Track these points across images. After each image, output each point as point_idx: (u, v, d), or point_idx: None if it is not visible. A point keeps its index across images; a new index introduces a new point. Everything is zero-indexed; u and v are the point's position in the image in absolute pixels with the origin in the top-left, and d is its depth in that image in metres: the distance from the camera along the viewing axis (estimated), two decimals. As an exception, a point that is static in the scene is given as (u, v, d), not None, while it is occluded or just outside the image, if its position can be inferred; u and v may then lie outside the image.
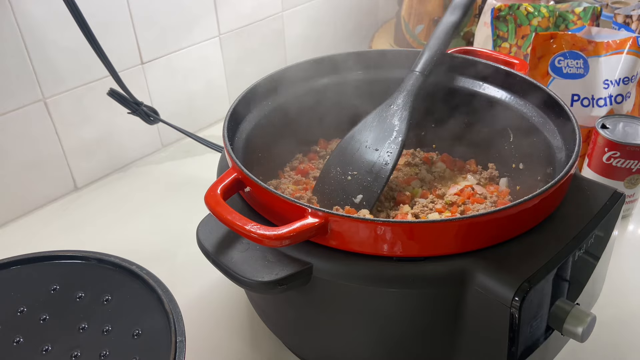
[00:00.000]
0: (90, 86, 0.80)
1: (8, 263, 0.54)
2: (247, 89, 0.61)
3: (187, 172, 0.88)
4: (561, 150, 0.55)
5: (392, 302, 0.46)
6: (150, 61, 0.86)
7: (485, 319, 0.44)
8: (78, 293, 0.53)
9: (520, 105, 0.61)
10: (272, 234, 0.43)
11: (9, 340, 0.49)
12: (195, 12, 0.89)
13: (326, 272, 0.45)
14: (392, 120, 0.62)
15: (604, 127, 0.70)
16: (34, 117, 0.76)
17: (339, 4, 1.12)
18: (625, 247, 0.71)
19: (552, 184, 0.46)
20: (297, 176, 0.66)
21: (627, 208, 0.74)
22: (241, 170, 0.49)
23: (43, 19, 0.72)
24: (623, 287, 0.65)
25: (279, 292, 0.45)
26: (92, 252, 0.55)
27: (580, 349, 0.56)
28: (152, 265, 0.54)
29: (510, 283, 0.42)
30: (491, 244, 0.45)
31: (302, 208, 0.45)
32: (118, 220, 0.79)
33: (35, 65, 0.74)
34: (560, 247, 0.45)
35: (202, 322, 0.62)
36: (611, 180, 0.70)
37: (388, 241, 0.44)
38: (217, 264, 0.47)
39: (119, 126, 0.85)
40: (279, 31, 1.04)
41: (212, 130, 0.98)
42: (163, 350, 0.46)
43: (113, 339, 0.49)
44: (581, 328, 0.44)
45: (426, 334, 0.48)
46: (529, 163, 0.62)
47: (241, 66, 0.99)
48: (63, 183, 0.83)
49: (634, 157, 0.68)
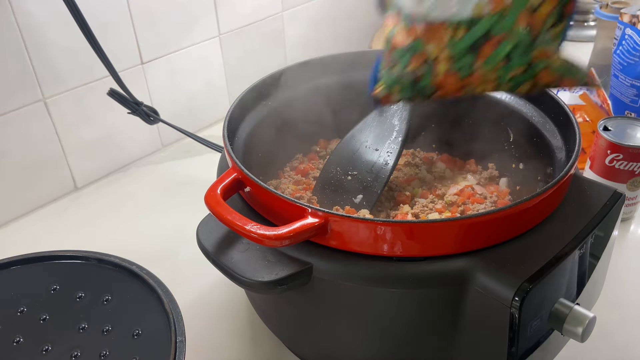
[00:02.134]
0: (90, 86, 0.80)
1: (8, 263, 0.54)
2: (247, 89, 0.61)
3: (187, 172, 0.88)
4: (561, 150, 0.55)
5: (392, 302, 0.46)
6: (150, 61, 0.86)
7: (485, 319, 0.44)
8: (78, 293, 0.53)
9: (520, 105, 0.61)
10: (272, 234, 0.43)
11: (9, 340, 0.49)
12: (195, 12, 0.89)
13: (326, 272, 0.45)
14: (392, 120, 0.62)
15: (606, 129, 0.70)
16: (34, 117, 0.76)
17: (339, 4, 1.12)
18: (625, 248, 0.71)
19: (552, 184, 0.46)
20: (297, 176, 0.66)
21: (629, 210, 0.74)
22: (241, 170, 0.49)
23: (43, 19, 0.72)
24: (623, 287, 0.65)
25: (279, 292, 0.45)
26: (92, 252, 0.55)
27: (580, 349, 0.56)
28: (152, 265, 0.54)
29: (510, 283, 0.42)
30: (491, 244, 0.45)
31: (302, 208, 0.45)
32: (118, 220, 0.78)
33: (35, 65, 0.74)
34: (560, 247, 0.45)
35: (202, 322, 0.62)
36: (614, 182, 0.70)
37: (388, 241, 0.44)
38: (217, 264, 0.47)
39: (119, 126, 0.85)
40: (279, 31, 1.04)
41: (212, 130, 0.98)
42: (163, 350, 0.46)
43: (113, 339, 0.49)
44: (581, 328, 0.44)
45: (426, 334, 0.48)
46: (529, 163, 0.62)
47: (241, 66, 0.99)
48: (63, 183, 0.83)
49: (637, 160, 0.68)
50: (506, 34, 0.43)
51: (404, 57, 0.46)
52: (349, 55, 0.67)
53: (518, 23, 0.43)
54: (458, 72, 0.45)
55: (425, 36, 0.45)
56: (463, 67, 0.44)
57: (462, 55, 0.44)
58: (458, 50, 0.44)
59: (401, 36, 0.46)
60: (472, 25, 0.43)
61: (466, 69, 0.44)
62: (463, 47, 0.44)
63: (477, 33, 0.43)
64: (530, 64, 0.44)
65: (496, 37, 0.43)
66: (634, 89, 0.88)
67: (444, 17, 0.44)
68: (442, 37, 0.44)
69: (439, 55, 0.45)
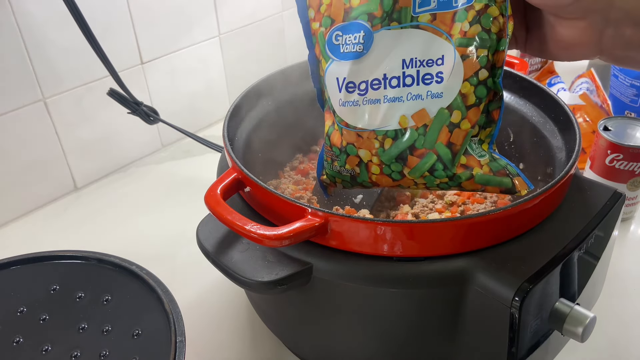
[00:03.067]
0: (90, 86, 0.80)
1: (8, 263, 0.54)
2: (247, 89, 0.61)
3: (187, 172, 0.88)
4: (561, 150, 0.55)
5: (392, 302, 0.46)
6: (150, 61, 0.86)
7: (485, 319, 0.44)
8: (78, 293, 0.53)
9: (520, 105, 0.61)
10: (272, 234, 0.43)
11: (9, 340, 0.49)
12: (195, 12, 0.89)
13: (326, 272, 0.45)
14: (392, 121, 0.62)
15: (606, 129, 0.70)
16: (34, 117, 0.76)
17: (339, 4, 1.12)
18: (625, 248, 0.71)
19: (552, 183, 0.46)
20: (297, 176, 0.66)
21: (630, 210, 0.74)
22: (241, 170, 0.49)
23: (43, 19, 0.72)
24: (623, 287, 0.65)
25: (279, 292, 0.45)
26: (92, 252, 0.55)
27: (580, 349, 0.56)
28: (152, 265, 0.54)
29: (510, 283, 0.42)
30: (491, 244, 0.45)
31: (302, 208, 0.45)
32: (118, 220, 0.79)
33: (35, 65, 0.74)
34: (560, 247, 0.45)
35: (202, 322, 0.62)
36: (614, 182, 0.70)
37: (388, 241, 0.44)
38: (217, 264, 0.47)
39: (119, 126, 0.85)
40: (279, 31, 1.04)
41: (212, 130, 0.98)
42: (163, 350, 0.46)
43: (113, 339, 0.49)
44: (581, 328, 0.44)
45: (426, 334, 0.48)
46: (529, 163, 0.62)
47: (241, 66, 0.99)
48: (63, 183, 0.83)
49: (637, 160, 0.68)
50: (428, 149, 0.46)
51: (341, 156, 0.50)
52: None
53: (439, 139, 0.45)
54: (389, 175, 0.48)
55: (357, 142, 0.48)
56: (394, 173, 0.48)
57: (391, 162, 0.47)
58: (386, 159, 0.47)
59: (336, 138, 0.50)
60: (397, 137, 0.46)
61: (396, 174, 0.48)
62: (391, 157, 0.47)
63: (401, 146, 0.46)
64: (453, 176, 0.46)
65: (419, 150, 0.46)
66: (633, 89, 0.88)
67: (371, 129, 0.47)
68: (371, 146, 0.47)
69: (371, 159, 0.48)
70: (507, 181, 0.46)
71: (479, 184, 0.46)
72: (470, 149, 0.46)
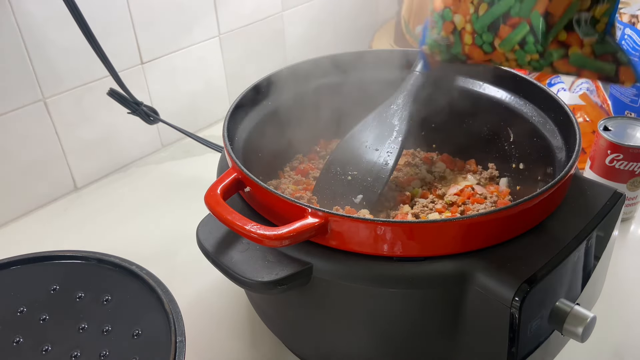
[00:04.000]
0: (90, 86, 0.80)
1: (8, 263, 0.54)
2: (247, 89, 0.61)
3: (187, 172, 0.88)
4: (561, 150, 0.55)
5: (392, 302, 0.46)
6: (150, 61, 0.86)
7: (485, 319, 0.44)
8: (78, 293, 0.53)
9: (520, 105, 0.61)
10: (272, 234, 0.43)
11: (9, 340, 0.49)
12: (195, 12, 0.89)
13: (326, 272, 0.45)
14: (392, 120, 0.62)
15: (606, 129, 0.70)
16: (34, 117, 0.76)
17: (339, 4, 1.12)
18: (625, 248, 0.71)
19: (552, 184, 0.46)
20: (297, 176, 0.66)
21: (630, 211, 0.74)
22: (241, 170, 0.49)
23: (43, 19, 0.72)
24: (623, 287, 0.65)
25: (279, 292, 0.45)
26: (92, 252, 0.55)
27: (580, 349, 0.56)
28: (152, 265, 0.54)
29: (510, 283, 0.42)
30: (491, 244, 0.45)
31: (302, 208, 0.45)
32: (118, 220, 0.78)
33: (35, 65, 0.74)
34: (560, 247, 0.45)
35: (202, 322, 0.62)
36: (614, 182, 0.70)
37: (388, 241, 0.44)
38: (217, 264, 0.47)
39: (119, 126, 0.85)
40: (279, 31, 1.04)
41: (212, 130, 0.98)
42: (163, 350, 0.46)
43: (113, 339, 0.49)
44: (581, 328, 0.44)
45: (426, 334, 0.48)
46: (529, 163, 0.62)
47: (241, 66, 0.99)
48: (63, 183, 0.83)
49: (637, 160, 0.68)
50: (522, 18, 0.43)
51: (439, 22, 0.49)
52: (349, 55, 0.67)
53: (536, 6, 0.42)
54: (481, 47, 0.46)
55: (453, 6, 0.47)
56: (485, 44, 0.46)
57: (483, 31, 0.46)
58: (479, 27, 0.46)
59: (438, 1, 0.49)
60: (493, 2, 0.44)
61: (487, 46, 0.46)
62: (483, 25, 0.45)
63: (496, 12, 0.44)
64: (543, 53, 0.43)
65: (513, 19, 0.44)
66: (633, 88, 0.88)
67: None
68: (466, 10, 0.46)
69: (465, 27, 0.47)
70: (609, 68, 0.42)
71: (574, 66, 0.43)
72: (577, 25, 0.42)
